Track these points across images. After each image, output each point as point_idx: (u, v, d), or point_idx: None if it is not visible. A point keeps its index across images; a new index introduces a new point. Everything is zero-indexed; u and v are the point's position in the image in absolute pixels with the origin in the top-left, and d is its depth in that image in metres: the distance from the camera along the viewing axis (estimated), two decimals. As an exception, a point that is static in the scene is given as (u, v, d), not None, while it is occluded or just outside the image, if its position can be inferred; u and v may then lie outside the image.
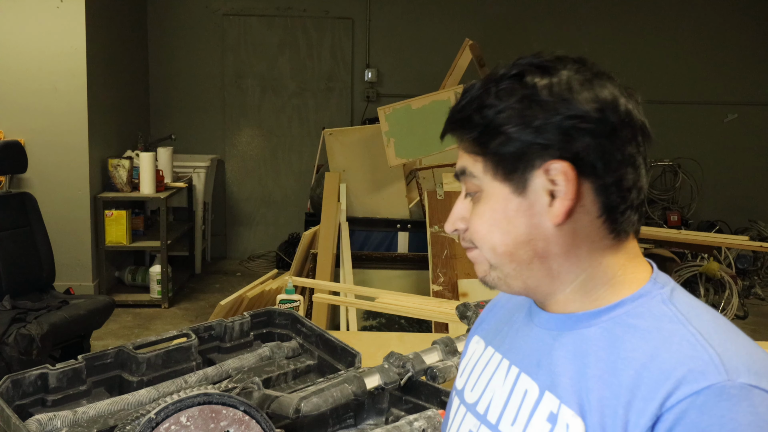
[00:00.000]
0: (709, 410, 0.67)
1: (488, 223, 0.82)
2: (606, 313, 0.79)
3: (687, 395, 0.68)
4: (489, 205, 0.81)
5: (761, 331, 4.92)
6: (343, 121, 6.46)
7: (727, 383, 0.68)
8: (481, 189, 0.82)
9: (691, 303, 0.79)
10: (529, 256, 0.80)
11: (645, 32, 6.50)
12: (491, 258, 0.83)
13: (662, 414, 0.68)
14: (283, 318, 1.92)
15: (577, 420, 0.74)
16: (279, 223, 6.61)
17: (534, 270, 0.81)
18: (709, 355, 0.70)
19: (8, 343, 3.18)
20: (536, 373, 0.81)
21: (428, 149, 3.73)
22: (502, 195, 0.80)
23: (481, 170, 0.81)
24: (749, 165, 6.70)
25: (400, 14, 6.45)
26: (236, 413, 1.30)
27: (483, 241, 0.83)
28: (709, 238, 4.31)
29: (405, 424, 1.47)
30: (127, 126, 5.76)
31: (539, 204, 0.78)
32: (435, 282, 3.43)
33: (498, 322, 0.95)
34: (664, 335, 0.74)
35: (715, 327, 0.75)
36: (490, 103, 0.79)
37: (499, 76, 0.80)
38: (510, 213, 0.80)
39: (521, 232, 0.80)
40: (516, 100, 0.77)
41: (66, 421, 1.43)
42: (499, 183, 0.80)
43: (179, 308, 5.18)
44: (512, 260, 0.81)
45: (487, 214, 0.82)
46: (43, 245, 3.78)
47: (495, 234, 0.81)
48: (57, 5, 4.82)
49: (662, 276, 0.82)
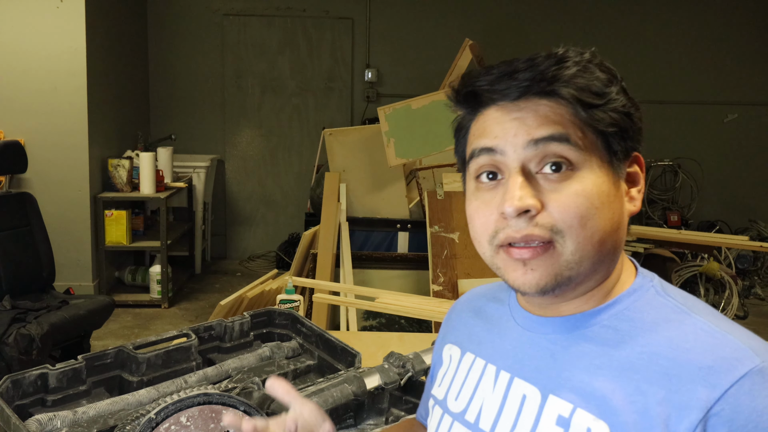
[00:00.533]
0: (759, 392, 0.67)
1: (594, 205, 0.73)
2: (605, 312, 0.78)
3: (732, 383, 0.68)
4: (593, 182, 0.74)
5: (761, 331, 4.92)
6: (343, 121, 6.46)
7: (763, 364, 0.68)
8: (579, 165, 0.74)
9: (682, 293, 0.80)
10: (612, 246, 0.76)
11: (645, 32, 6.50)
12: (579, 249, 0.74)
13: (712, 406, 0.67)
14: (283, 318, 1.92)
15: (600, 423, 0.72)
16: (279, 223, 6.61)
17: (605, 263, 0.77)
18: (733, 342, 0.71)
19: (8, 343, 3.18)
20: (536, 378, 0.79)
21: (428, 149, 3.73)
22: (603, 175, 0.75)
23: (590, 144, 0.75)
24: (749, 165, 6.70)
25: (400, 14, 6.45)
26: (236, 413, 1.30)
27: (577, 224, 0.73)
28: (709, 238, 4.31)
29: (405, 424, 1.47)
30: (127, 126, 5.76)
31: (622, 190, 0.77)
32: (435, 282, 3.43)
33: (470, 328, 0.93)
34: (674, 326, 0.74)
35: (714, 315, 0.76)
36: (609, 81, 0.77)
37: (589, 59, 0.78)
38: (611, 196, 0.75)
39: (616, 219, 0.75)
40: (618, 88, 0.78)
41: (66, 421, 1.43)
42: (603, 162, 0.75)
43: (179, 308, 5.18)
44: (600, 251, 0.75)
45: (594, 193, 0.73)
46: (43, 245, 3.78)
47: (597, 218, 0.73)
48: (57, 5, 4.82)
49: (645, 270, 0.82)
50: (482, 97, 0.78)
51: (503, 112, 0.77)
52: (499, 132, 0.76)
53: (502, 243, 0.76)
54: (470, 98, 0.80)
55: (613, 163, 0.76)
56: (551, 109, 0.75)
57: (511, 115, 0.76)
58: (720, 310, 4.87)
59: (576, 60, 0.76)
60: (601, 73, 0.77)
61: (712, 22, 6.54)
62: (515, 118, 0.75)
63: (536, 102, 0.75)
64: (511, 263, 0.76)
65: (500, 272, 0.79)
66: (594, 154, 0.75)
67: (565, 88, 0.75)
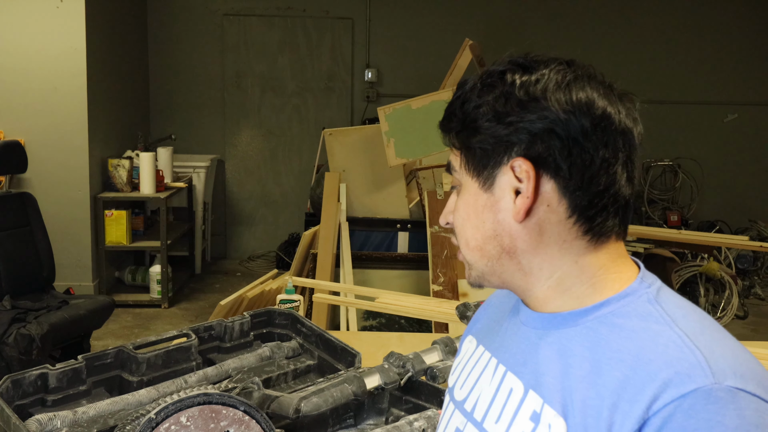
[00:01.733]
0: (696, 413, 0.66)
1: (462, 217, 0.84)
2: (591, 313, 0.79)
3: (674, 398, 0.67)
4: (464, 199, 0.84)
5: (761, 331, 4.92)
6: (343, 121, 6.46)
7: (714, 386, 0.67)
8: (459, 184, 0.85)
9: (678, 303, 0.79)
10: (497, 251, 0.82)
11: (645, 32, 6.50)
12: (465, 254, 0.85)
13: (649, 418, 0.68)
14: (283, 318, 1.92)
15: (560, 420, 0.74)
16: (279, 223, 6.61)
17: (504, 265, 0.83)
18: (695, 358, 0.70)
19: (8, 343, 3.18)
20: (522, 372, 0.82)
21: (428, 149, 3.73)
22: (473, 190, 0.82)
23: (458, 164, 0.84)
24: (749, 165, 6.70)
25: (400, 14, 6.45)
26: (236, 413, 1.30)
27: (459, 235, 0.85)
28: (709, 238, 4.31)
29: (405, 424, 1.47)
30: (127, 126, 5.76)
31: (504, 200, 0.80)
32: (435, 282, 3.43)
33: (489, 321, 0.96)
34: (650, 335, 0.74)
35: (702, 328, 0.75)
36: (471, 99, 0.80)
37: (488, 72, 0.81)
38: (479, 208, 0.82)
39: (488, 228, 0.82)
40: (494, 96, 0.79)
41: (66, 421, 1.43)
42: (472, 178, 0.82)
43: (179, 308, 5.18)
44: (482, 255, 0.83)
45: (462, 208, 0.84)
46: (43, 245, 3.78)
47: (468, 228, 0.84)
48: (57, 5, 4.82)
49: (649, 275, 0.82)
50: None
51: None
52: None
53: None
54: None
55: (482, 176, 0.81)
56: (449, 138, 0.86)
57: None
58: (720, 310, 4.87)
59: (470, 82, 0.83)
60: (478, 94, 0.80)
61: (712, 22, 6.54)
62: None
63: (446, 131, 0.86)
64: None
65: None
66: (465, 173, 0.83)
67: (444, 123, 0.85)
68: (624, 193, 0.79)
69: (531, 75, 0.78)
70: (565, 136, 0.76)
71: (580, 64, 0.80)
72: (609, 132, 0.77)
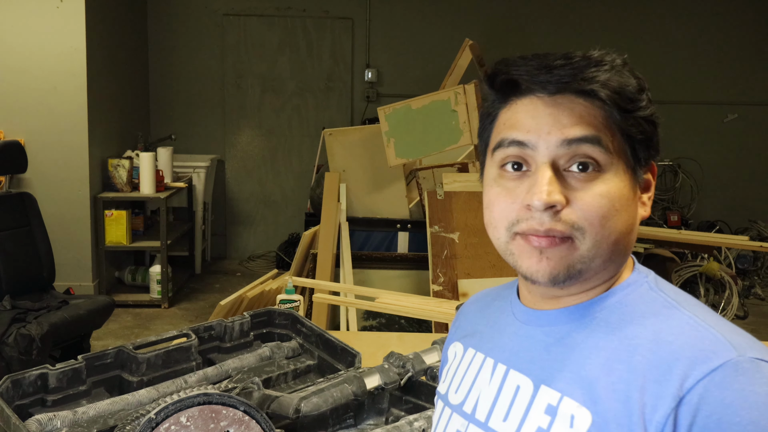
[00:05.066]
0: (729, 385, 0.68)
1: (616, 207, 0.76)
2: (598, 304, 0.80)
3: (705, 374, 0.69)
4: (616, 185, 0.76)
5: (761, 331, 4.91)
6: (343, 121, 6.46)
7: (739, 358, 0.70)
8: (606, 167, 0.76)
9: (675, 290, 0.82)
10: (624, 247, 0.79)
11: (645, 32, 6.50)
12: (594, 246, 0.76)
13: (683, 396, 0.69)
14: (283, 318, 1.92)
15: (583, 410, 0.74)
16: (279, 223, 6.61)
17: (616, 263, 0.80)
18: (713, 335, 0.73)
19: (8, 343, 3.18)
20: (529, 369, 0.82)
21: (428, 149, 3.73)
22: (625, 179, 0.77)
23: (618, 148, 0.77)
24: (749, 165, 6.70)
25: (400, 14, 6.45)
26: (236, 413, 1.30)
27: (601, 224, 0.75)
28: (709, 238, 4.31)
29: (405, 424, 1.47)
30: (127, 126, 5.76)
31: (638, 196, 0.81)
32: (435, 282, 3.43)
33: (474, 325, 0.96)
34: (661, 319, 0.76)
35: (704, 311, 0.77)
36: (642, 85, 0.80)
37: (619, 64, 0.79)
38: (630, 200, 0.78)
39: (632, 222, 0.79)
40: (647, 95, 0.80)
41: (66, 421, 1.43)
42: (629, 168, 0.78)
43: (179, 308, 5.18)
44: (615, 250, 0.78)
45: (616, 196, 0.76)
46: (43, 245, 3.78)
47: (616, 218, 0.76)
48: (57, 5, 4.81)
49: (642, 267, 0.85)
50: (520, 87, 0.79)
51: (538, 105, 0.78)
52: (533, 126, 0.77)
53: (521, 232, 0.78)
54: (507, 86, 0.80)
55: (635, 169, 0.79)
56: (586, 109, 0.76)
57: (546, 110, 0.77)
58: (720, 310, 4.87)
59: (613, 64, 0.78)
60: (633, 79, 0.79)
61: (713, 22, 6.54)
62: (550, 114, 0.77)
63: (572, 100, 0.77)
64: (527, 250, 0.78)
65: (513, 258, 0.80)
66: (621, 159, 0.77)
67: (603, 90, 0.76)
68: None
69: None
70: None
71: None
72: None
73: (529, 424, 0.79)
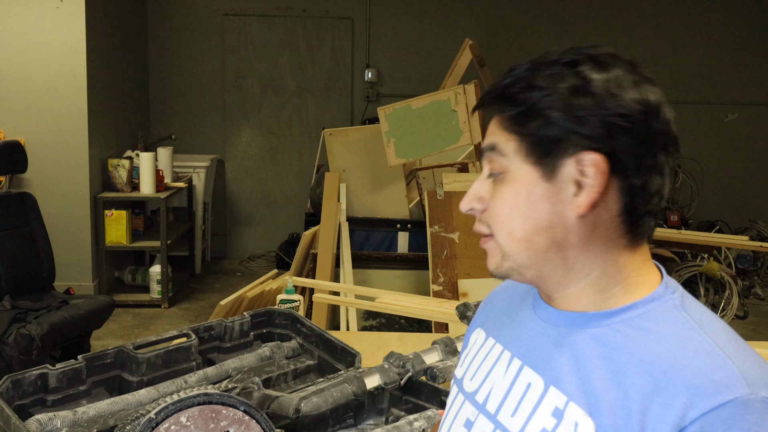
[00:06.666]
0: (735, 424, 0.67)
1: (510, 206, 0.81)
2: (618, 315, 0.79)
3: (711, 408, 0.68)
4: (513, 187, 0.81)
5: (761, 331, 4.91)
6: (343, 121, 6.46)
7: (751, 396, 0.68)
8: (506, 170, 0.81)
9: (701, 310, 0.79)
10: (547, 244, 0.80)
11: (645, 32, 6.50)
12: (506, 245, 0.82)
13: (685, 427, 0.68)
14: (283, 318, 1.92)
15: (588, 420, 0.74)
16: (279, 223, 6.61)
17: (549, 259, 0.81)
18: (729, 367, 0.71)
19: (8, 343, 3.18)
20: (541, 368, 0.82)
21: (428, 149, 3.73)
22: (529, 178, 0.80)
23: (513, 150, 0.80)
24: (749, 165, 6.70)
25: (400, 14, 6.45)
26: (236, 413, 1.30)
27: (501, 224, 0.82)
28: (709, 238, 4.31)
29: (405, 424, 1.47)
30: (127, 126, 5.76)
31: (565, 192, 0.78)
32: (435, 282, 3.43)
33: (498, 313, 0.96)
34: (679, 340, 0.74)
35: (727, 337, 0.75)
36: (539, 85, 0.79)
37: (551, 60, 0.80)
38: (534, 198, 0.79)
39: (543, 219, 0.79)
40: (566, 87, 0.77)
41: (66, 421, 1.43)
42: (529, 166, 0.80)
43: (179, 308, 5.18)
44: (528, 247, 0.81)
45: (511, 196, 0.81)
46: (43, 245, 3.78)
47: (515, 218, 0.81)
48: (57, 5, 4.81)
49: (672, 281, 0.83)
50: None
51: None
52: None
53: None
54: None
55: (543, 165, 0.79)
56: (494, 119, 0.83)
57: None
58: (720, 310, 4.87)
59: (525, 67, 0.81)
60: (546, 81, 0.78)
61: (713, 22, 6.54)
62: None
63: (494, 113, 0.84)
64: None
65: None
66: (519, 159, 0.80)
67: (487, 97, 0.83)
68: (667, 196, 0.81)
69: (607, 71, 0.78)
70: (636, 136, 0.77)
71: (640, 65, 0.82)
72: (669, 137, 0.80)
73: (535, 424, 0.79)
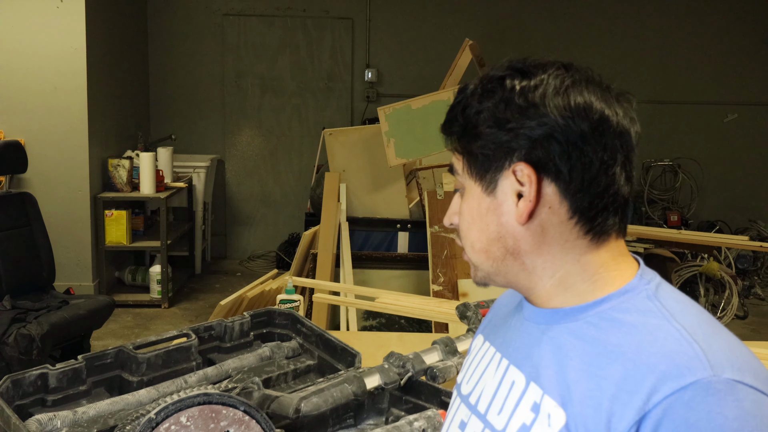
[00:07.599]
0: (696, 405, 0.68)
1: (467, 221, 0.86)
2: (592, 308, 0.81)
3: (673, 391, 0.69)
4: (468, 203, 0.86)
5: (761, 331, 4.91)
6: (343, 121, 6.46)
7: (712, 378, 0.69)
8: (463, 187, 0.87)
9: (676, 298, 0.81)
10: (502, 252, 0.84)
11: (645, 32, 6.50)
12: (471, 256, 0.87)
13: (649, 410, 0.69)
14: (283, 318, 1.92)
15: (559, 410, 0.76)
16: (279, 223, 6.61)
17: (509, 266, 0.85)
18: (693, 351, 0.72)
19: (8, 343, 3.18)
20: (524, 365, 0.84)
21: (428, 149, 3.73)
22: (477, 194, 0.84)
23: (461, 169, 0.86)
24: (749, 165, 6.70)
25: (400, 14, 6.45)
26: (236, 413, 1.30)
27: (465, 238, 0.87)
28: (709, 238, 4.31)
29: (405, 424, 1.47)
30: (127, 126, 5.76)
31: (507, 204, 0.82)
32: (435, 282, 3.43)
33: (497, 319, 0.99)
34: (648, 330, 0.76)
35: (699, 322, 0.77)
36: (472, 104, 0.82)
37: (488, 77, 0.83)
38: (483, 211, 0.84)
39: (492, 230, 0.84)
40: (494, 102, 0.80)
41: (66, 421, 1.43)
42: (474, 182, 0.84)
43: (179, 308, 5.18)
44: (488, 257, 0.85)
45: (467, 212, 0.86)
46: (43, 245, 3.78)
47: (472, 231, 0.86)
48: (57, 5, 4.82)
49: (648, 272, 0.84)
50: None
51: None
52: None
53: None
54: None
55: (485, 180, 0.83)
56: (451, 142, 0.87)
57: None
58: (720, 310, 4.87)
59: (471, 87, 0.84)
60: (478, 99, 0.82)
61: (712, 22, 6.54)
62: None
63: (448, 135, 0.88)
64: None
65: None
66: (468, 177, 0.85)
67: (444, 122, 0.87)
68: (623, 193, 0.81)
69: (530, 80, 0.80)
70: (564, 141, 0.78)
71: (578, 67, 0.82)
72: (607, 135, 0.79)
73: (516, 420, 0.81)
